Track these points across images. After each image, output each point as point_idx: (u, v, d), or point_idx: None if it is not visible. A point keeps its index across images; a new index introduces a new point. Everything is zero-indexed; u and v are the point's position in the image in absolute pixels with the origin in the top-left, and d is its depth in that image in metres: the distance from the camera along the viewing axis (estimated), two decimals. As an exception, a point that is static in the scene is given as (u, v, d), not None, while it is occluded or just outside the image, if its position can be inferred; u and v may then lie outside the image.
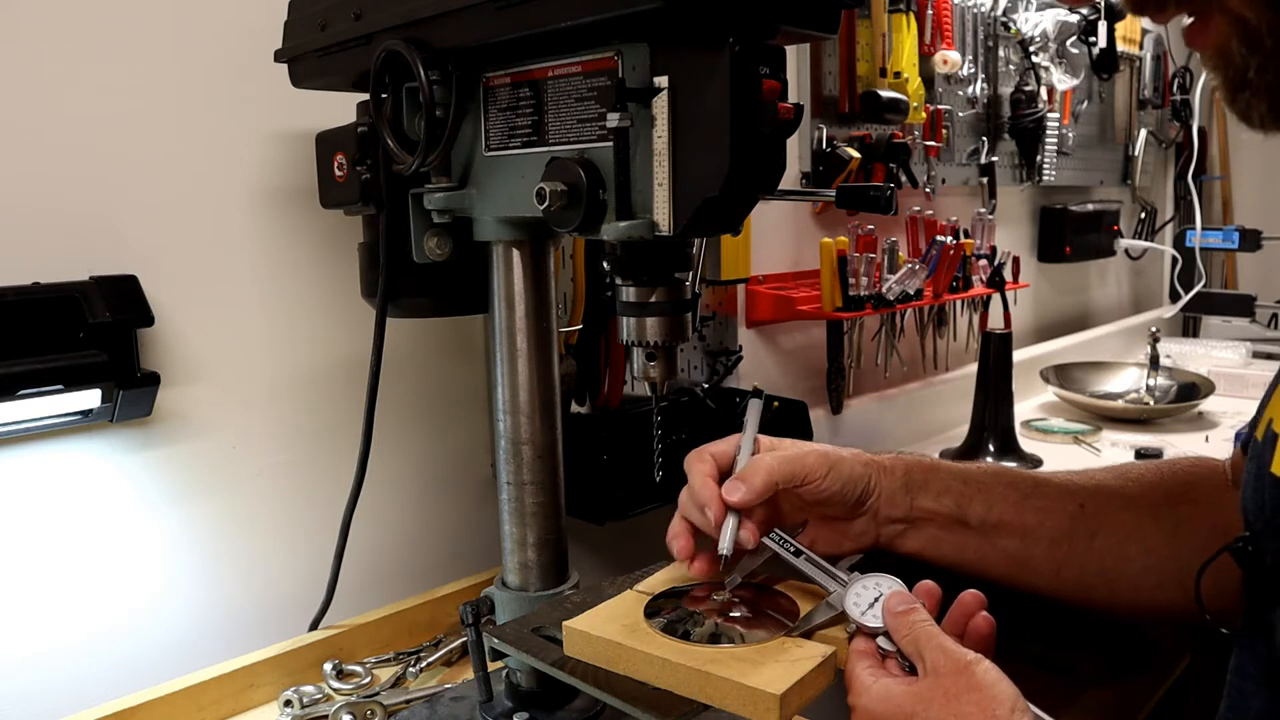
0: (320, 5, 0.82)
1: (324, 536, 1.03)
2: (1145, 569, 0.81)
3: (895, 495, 0.81)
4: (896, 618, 0.65)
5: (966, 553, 0.81)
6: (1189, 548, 0.79)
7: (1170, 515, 0.81)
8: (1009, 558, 0.81)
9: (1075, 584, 0.82)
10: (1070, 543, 0.81)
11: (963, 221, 1.90)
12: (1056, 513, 0.82)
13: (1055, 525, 0.81)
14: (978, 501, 0.81)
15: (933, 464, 0.84)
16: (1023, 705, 0.58)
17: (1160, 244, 3.03)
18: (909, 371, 1.86)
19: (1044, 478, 0.85)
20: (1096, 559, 0.81)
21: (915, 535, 0.81)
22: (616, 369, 1.25)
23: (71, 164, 0.93)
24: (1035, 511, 0.81)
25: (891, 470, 0.81)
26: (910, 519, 0.81)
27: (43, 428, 0.90)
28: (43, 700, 0.94)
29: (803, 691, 0.64)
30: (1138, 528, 0.81)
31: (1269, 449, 0.63)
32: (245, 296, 1.06)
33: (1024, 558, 0.81)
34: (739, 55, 0.58)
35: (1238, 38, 0.49)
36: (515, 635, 0.77)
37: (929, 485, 0.81)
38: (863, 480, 0.79)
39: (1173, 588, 0.79)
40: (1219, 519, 0.80)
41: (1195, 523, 0.81)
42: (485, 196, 0.78)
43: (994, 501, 0.81)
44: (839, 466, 0.79)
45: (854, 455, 0.81)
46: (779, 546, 0.75)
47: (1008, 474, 0.85)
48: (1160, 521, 0.81)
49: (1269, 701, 0.62)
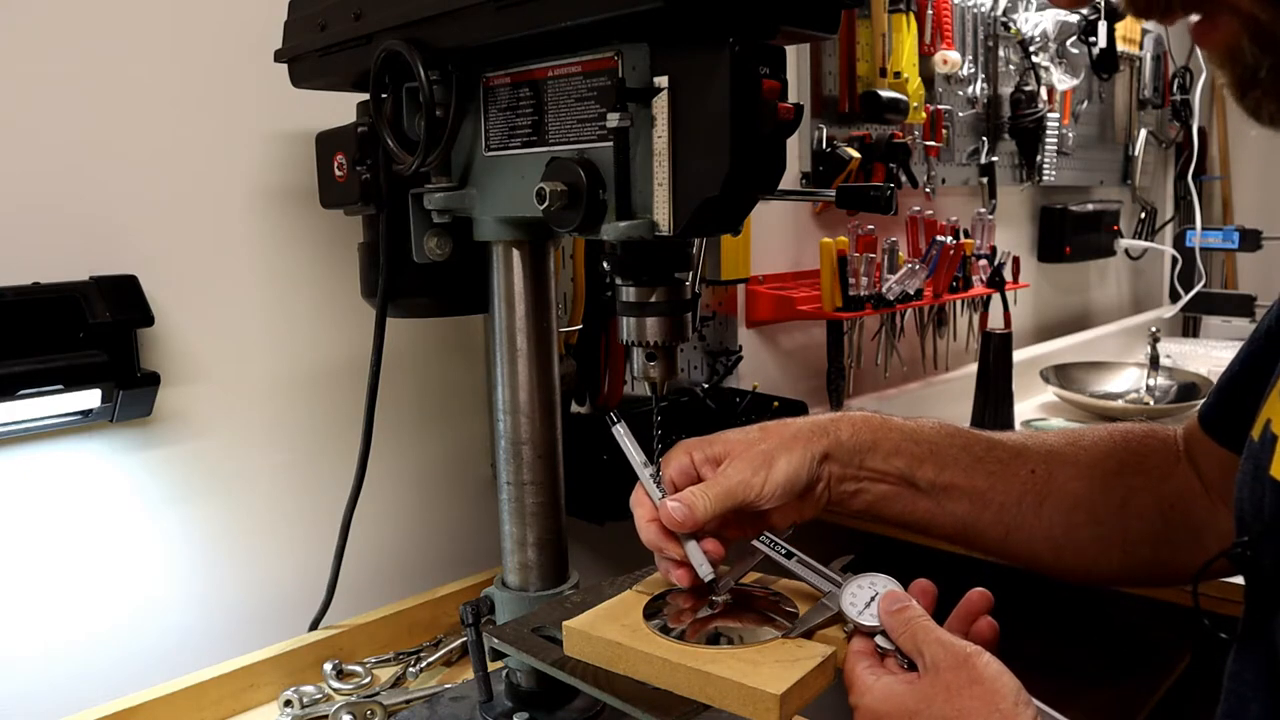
0: (320, 5, 0.82)
1: (324, 536, 1.03)
2: (1092, 538, 0.81)
3: (843, 456, 0.79)
4: (892, 615, 0.65)
5: (916, 514, 0.81)
6: (1137, 521, 0.80)
7: (1120, 486, 0.81)
8: (958, 521, 0.80)
9: (1023, 549, 0.81)
10: (1019, 508, 0.80)
11: (963, 221, 1.90)
12: (1007, 477, 0.81)
13: (1005, 490, 0.81)
14: (929, 464, 0.80)
15: (882, 421, 0.81)
16: (1025, 698, 0.58)
17: (1160, 244, 3.03)
18: (909, 371, 1.86)
19: (997, 439, 0.84)
20: (1045, 526, 0.80)
21: (864, 495, 0.80)
22: (616, 369, 1.25)
23: (71, 164, 0.93)
24: (986, 476, 0.80)
25: (836, 430, 0.79)
26: (858, 478, 0.79)
27: (43, 428, 0.90)
28: (43, 700, 0.94)
29: (803, 691, 0.64)
30: (1087, 497, 0.81)
31: (1268, 451, 0.63)
32: (245, 296, 1.06)
33: (972, 521, 0.80)
34: (739, 55, 0.58)
35: (1249, 37, 0.48)
36: (515, 635, 0.77)
37: (878, 446, 0.79)
38: (805, 464, 0.76)
39: (1117, 556, 0.80)
40: (1167, 491, 0.80)
41: (1144, 494, 0.81)
42: (485, 196, 0.78)
43: (945, 464, 0.80)
44: (770, 466, 0.75)
45: (790, 437, 0.77)
46: (769, 549, 0.74)
47: (961, 435, 0.83)
48: (1109, 492, 0.81)
49: (1268, 708, 0.61)
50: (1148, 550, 0.81)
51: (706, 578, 0.72)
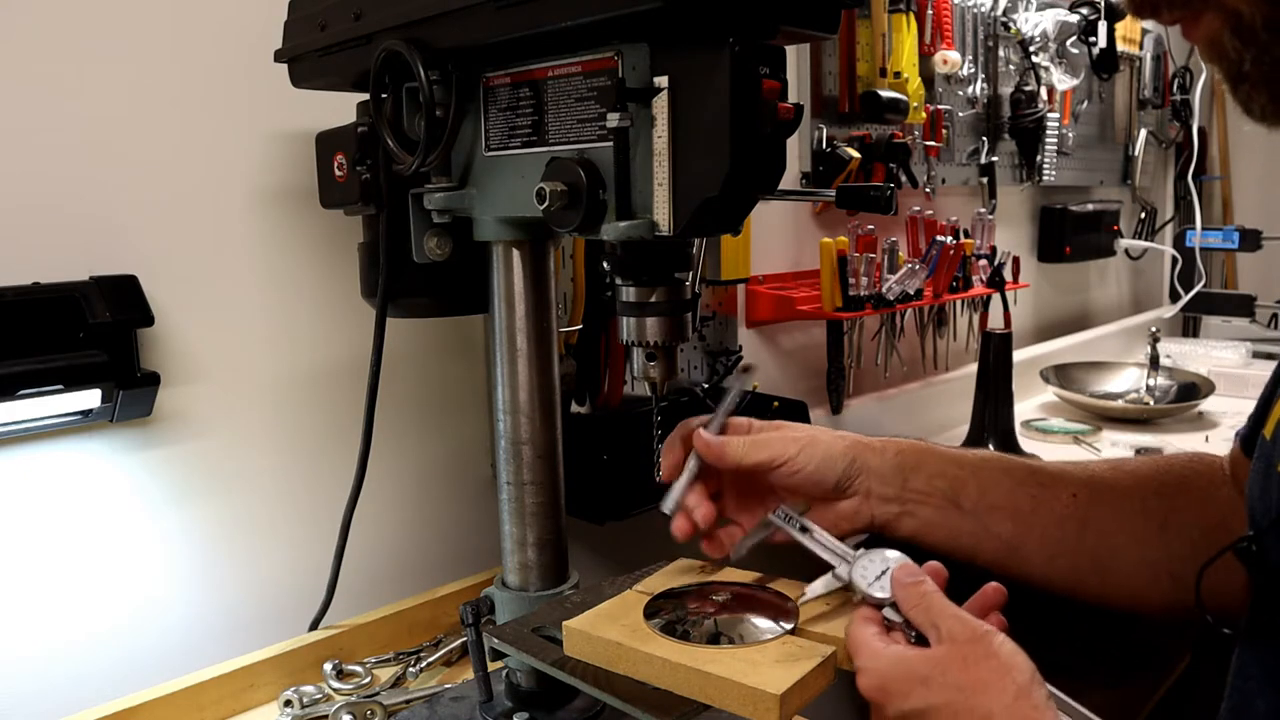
0: (320, 5, 0.82)
1: (324, 536, 1.03)
2: (1138, 562, 0.80)
3: (887, 474, 0.80)
4: (906, 589, 0.64)
5: (961, 537, 0.80)
6: (1179, 542, 0.79)
7: (1160, 509, 0.81)
8: (1003, 543, 0.80)
9: (1068, 573, 0.81)
10: (1061, 531, 0.80)
11: (963, 221, 1.90)
12: (1049, 500, 0.81)
13: (1048, 512, 0.81)
14: (971, 485, 0.80)
15: (926, 447, 0.83)
16: (1040, 679, 0.57)
17: (1160, 244, 3.03)
18: (909, 371, 1.86)
19: (1038, 465, 0.85)
20: (1089, 549, 0.80)
21: (909, 518, 0.80)
22: (616, 369, 1.25)
23: (71, 164, 0.93)
24: (1029, 498, 0.81)
25: (882, 450, 0.80)
26: (903, 499, 0.80)
27: (43, 428, 0.90)
28: (43, 700, 0.94)
29: (803, 691, 0.64)
30: (1128, 520, 0.81)
31: (1279, 448, 0.63)
32: (245, 296, 1.06)
33: (1018, 543, 0.80)
34: (739, 55, 0.58)
35: (1230, 31, 0.49)
36: (515, 635, 0.77)
37: (921, 467, 0.80)
38: (843, 459, 0.79)
39: (1166, 582, 0.79)
40: (1211, 516, 0.79)
41: (1185, 517, 0.80)
42: (485, 196, 0.78)
43: (988, 486, 0.80)
44: (812, 446, 0.78)
45: (835, 436, 0.80)
46: (784, 523, 0.75)
47: (1002, 460, 0.84)
48: (1149, 515, 0.81)
49: (1273, 704, 0.61)
50: (1194, 573, 0.80)
51: (665, 508, 0.78)
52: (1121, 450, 1.82)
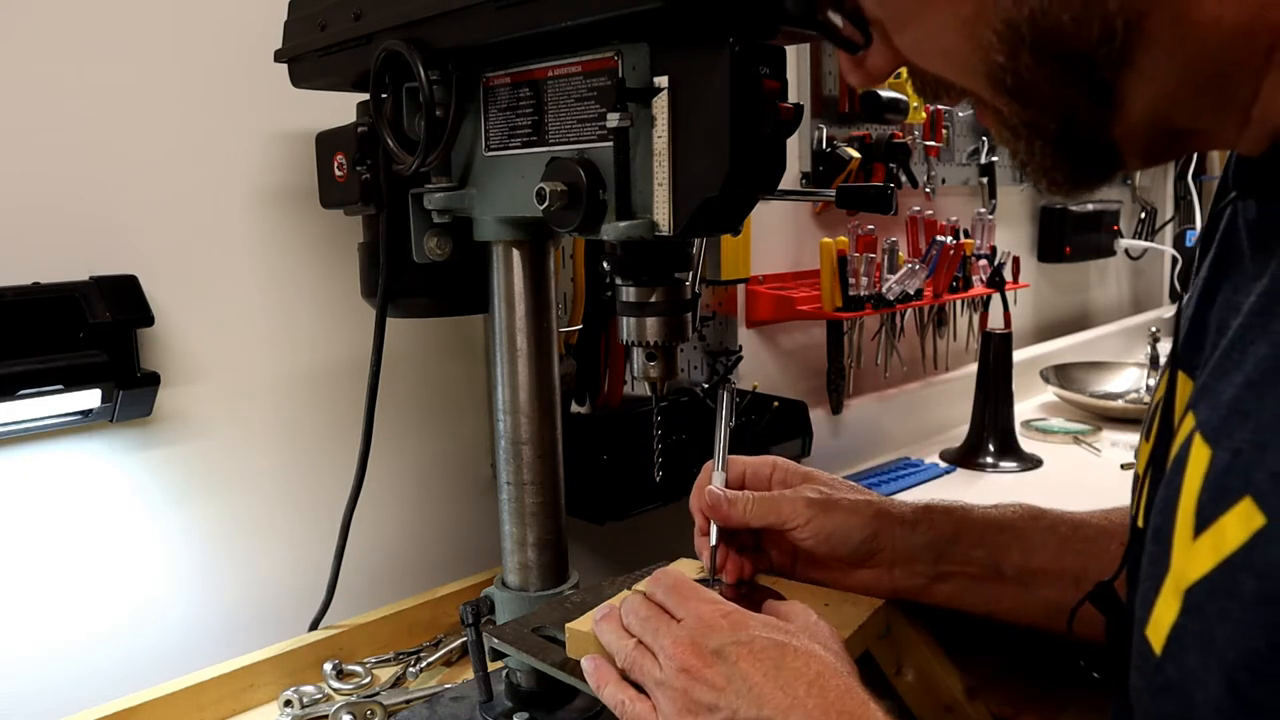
0: (320, 5, 0.82)
1: (324, 536, 1.03)
2: None
3: (916, 552, 0.77)
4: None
5: (1002, 602, 0.78)
6: None
7: None
8: (1049, 605, 0.76)
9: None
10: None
11: (963, 221, 1.90)
12: (1098, 555, 0.77)
13: (1099, 570, 0.75)
14: (1014, 550, 0.77)
15: (962, 514, 0.80)
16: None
17: (1160, 244, 3.03)
18: (909, 371, 1.86)
19: (1081, 518, 0.81)
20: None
21: (943, 586, 0.78)
22: (616, 369, 1.25)
23: (72, 164, 0.93)
24: (1076, 555, 0.77)
25: (913, 525, 0.78)
26: (934, 573, 0.78)
27: (43, 428, 0.90)
28: (43, 700, 0.94)
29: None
30: None
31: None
32: (245, 296, 1.06)
33: (1066, 605, 0.74)
34: (739, 55, 0.58)
35: (997, 124, 0.51)
36: (515, 635, 0.77)
37: (960, 538, 0.78)
38: (861, 532, 0.76)
39: None
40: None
41: None
42: (485, 196, 0.78)
43: (1032, 549, 0.77)
44: (826, 515, 0.76)
45: (855, 506, 0.77)
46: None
47: (1044, 517, 0.81)
48: None
49: None
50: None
51: (699, 575, 0.77)
52: (1121, 450, 1.82)
